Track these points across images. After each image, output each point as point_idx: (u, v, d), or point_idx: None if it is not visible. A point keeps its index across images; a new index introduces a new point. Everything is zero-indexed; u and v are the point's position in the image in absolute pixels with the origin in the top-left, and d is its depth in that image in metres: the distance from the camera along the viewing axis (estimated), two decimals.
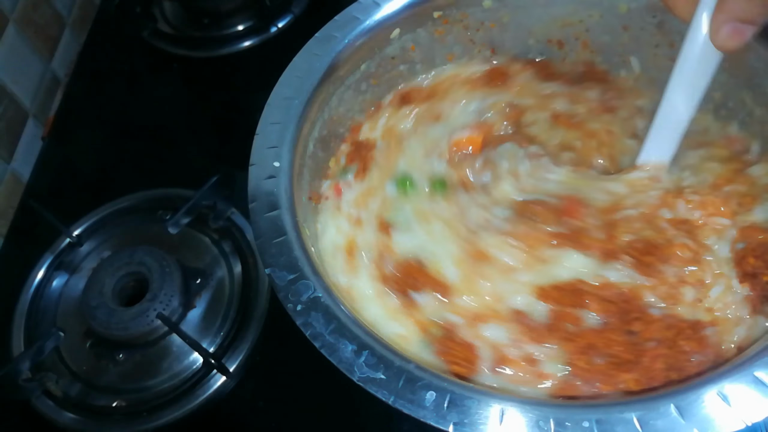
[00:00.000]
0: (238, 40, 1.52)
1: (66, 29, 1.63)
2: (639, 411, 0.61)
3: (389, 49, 1.01)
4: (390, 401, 0.64)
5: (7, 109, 1.38)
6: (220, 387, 1.04)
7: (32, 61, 1.49)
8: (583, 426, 0.61)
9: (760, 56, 0.89)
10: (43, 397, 1.04)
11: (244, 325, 1.08)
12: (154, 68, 1.58)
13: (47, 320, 1.13)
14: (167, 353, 1.07)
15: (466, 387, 0.66)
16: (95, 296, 1.07)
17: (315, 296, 0.72)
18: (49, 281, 1.17)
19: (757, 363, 0.65)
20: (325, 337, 0.69)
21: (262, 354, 1.08)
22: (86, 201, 1.28)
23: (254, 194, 0.82)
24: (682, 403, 0.62)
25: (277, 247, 0.76)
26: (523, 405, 0.63)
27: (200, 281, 1.13)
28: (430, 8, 1.02)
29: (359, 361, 0.67)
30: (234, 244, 1.17)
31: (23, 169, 1.42)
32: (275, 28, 1.51)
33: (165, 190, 1.26)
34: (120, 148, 1.43)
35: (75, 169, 1.42)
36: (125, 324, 1.04)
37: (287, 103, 0.90)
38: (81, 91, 1.54)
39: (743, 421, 0.60)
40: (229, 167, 1.21)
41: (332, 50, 0.96)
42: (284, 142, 0.87)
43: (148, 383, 1.05)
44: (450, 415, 0.63)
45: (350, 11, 0.99)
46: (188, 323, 1.09)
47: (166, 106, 1.51)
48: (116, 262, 1.10)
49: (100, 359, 1.08)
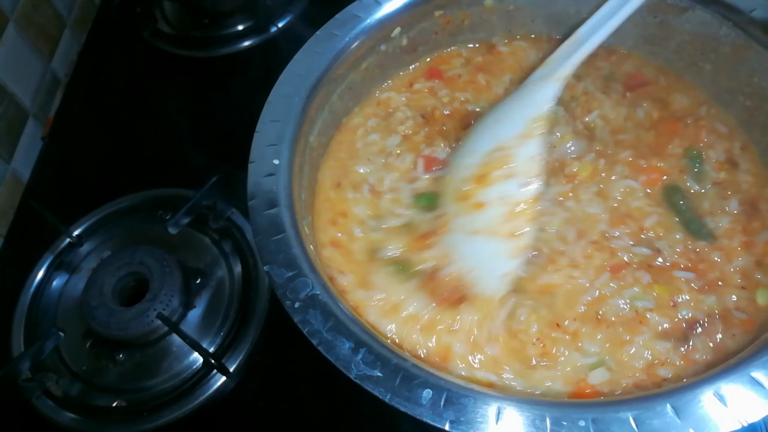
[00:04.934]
0: (238, 40, 1.52)
1: (66, 29, 1.63)
2: (635, 410, 0.62)
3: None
4: (387, 399, 0.64)
5: (7, 109, 1.38)
6: (220, 387, 1.04)
7: (32, 61, 1.49)
8: (579, 425, 0.61)
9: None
10: (43, 397, 1.04)
11: (244, 325, 1.08)
12: (154, 68, 1.58)
13: (47, 320, 1.14)
14: (167, 353, 1.08)
15: (463, 385, 0.66)
16: (95, 296, 1.07)
17: (313, 293, 0.72)
18: (49, 281, 1.18)
19: (754, 363, 0.65)
20: (323, 335, 0.69)
21: (262, 354, 1.08)
22: (86, 201, 1.28)
23: (253, 192, 0.82)
24: (679, 402, 0.62)
25: (275, 244, 0.77)
26: (519, 404, 0.63)
27: (200, 281, 1.13)
28: (431, 7, 1.02)
29: (356, 358, 0.67)
30: (234, 244, 1.17)
31: (23, 169, 1.42)
32: (275, 28, 1.52)
33: (165, 190, 1.26)
34: (120, 148, 1.44)
35: (75, 169, 1.42)
36: (125, 324, 1.04)
37: (287, 100, 0.91)
38: (81, 91, 1.54)
39: (740, 421, 0.60)
40: (229, 167, 1.21)
41: (333, 48, 0.96)
42: (284, 139, 0.87)
43: (148, 383, 1.05)
44: (446, 413, 0.63)
45: (351, 10, 0.99)
46: (188, 323, 1.09)
47: (166, 105, 1.51)
48: (116, 262, 1.10)
49: (100, 359, 1.08)
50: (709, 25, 0.97)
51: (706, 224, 0.89)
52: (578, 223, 0.90)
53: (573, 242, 0.88)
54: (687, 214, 0.90)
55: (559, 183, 0.93)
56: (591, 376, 0.77)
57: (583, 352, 0.80)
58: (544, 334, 0.81)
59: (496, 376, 0.78)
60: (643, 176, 0.93)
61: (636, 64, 1.07)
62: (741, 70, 0.96)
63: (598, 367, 0.78)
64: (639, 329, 0.81)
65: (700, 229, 0.88)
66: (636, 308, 0.82)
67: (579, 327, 0.82)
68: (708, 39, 0.98)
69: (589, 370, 0.78)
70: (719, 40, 0.97)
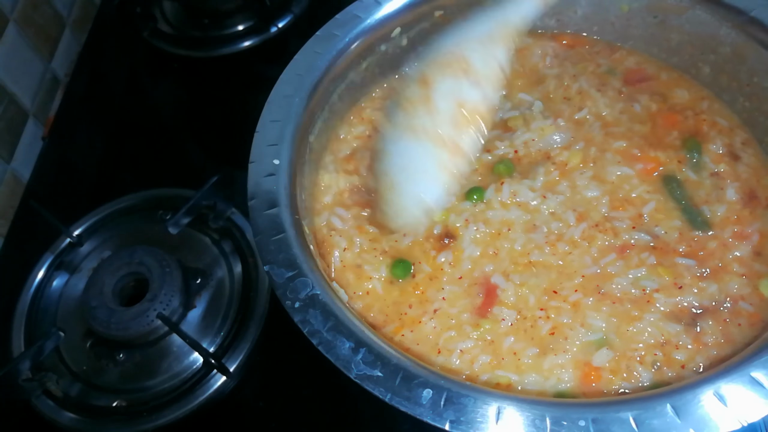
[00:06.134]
0: (238, 40, 1.52)
1: (66, 29, 1.63)
2: (635, 410, 0.62)
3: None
4: (387, 398, 0.64)
5: (7, 109, 1.38)
6: (220, 387, 1.04)
7: (32, 61, 1.49)
8: (579, 425, 0.61)
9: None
10: (43, 397, 1.04)
11: (244, 325, 1.08)
12: (154, 68, 1.58)
13: (47, 320, 1.13)
14: (167, 353, 1.07)
15: (463, 385, 0.66)
16: (95, 296, 1.07)
17: (313, 293, 0.72)
18: (50, 281, 1.18)
19: (755, 363, 0.65)
20: (323, 334, 0.69)
21: (262, 354, 1.07)
22: (86, 201, 1.28)
23: (254, 192, 0.82)
24: (679, 402, 0.62)
25: (275, 244, 0.77)
26: (520, 403, 0.63)
27: (200, 281, 1.13)
28: (431, 7, 1.02)
29: (356, 358, 0.67)
30: (234, 244, 1.17)
31: (23, 169, 1.42)
32: (275, 28, 1.51)
33: (165, 190, 1.26)
34: (120, 148, 1.44)
35: (75, 169, 1.42)
36: (125, 324, 1.04)
37: (287, 101, 0.91)
38: (81, 91, 1.54)
39: (740, 421, 0.60)
40: (229, 167, 1.21)
41: (333, 48, 0.96)
42: (284, 139, 0.87)
43: (148, 383, 1.05)
44: (446, 413, 0.63)
45: (351, 10, 0.99)
46: (188, 323, 1.09)
47: (166, 105, 1.51)
48: (116, 262, 1.10)
49: (100, 359, 1.08)
50: (709, 25, 0.97)
51: (702, 213, 0.90)
52: (578, 206, 0.91)
53: (574, 225, 0.89)
54: (684, 203, 0.91)
55: (547, 171, 0.94)
56: (595, 357, 0.79)
57: (588, 327, 0.81)
58: (544, 304, 0.83)
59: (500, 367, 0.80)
60: (639, 164, 0.94)
61: (638, 60, 1.08)
62: (741, 70, 0.96)
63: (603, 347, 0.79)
64: (647, 307, 0.82)
65: (696, 218, 0.89)
66: (643, 287, 0.83)
67: (581, 298, 0.83)
68: (708, 39, 0.99)
69: (595, 348, 0.79)
70: (719, 40, 0.97)
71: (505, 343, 0.81)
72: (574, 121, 1.00)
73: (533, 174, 0.93)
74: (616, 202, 0.91)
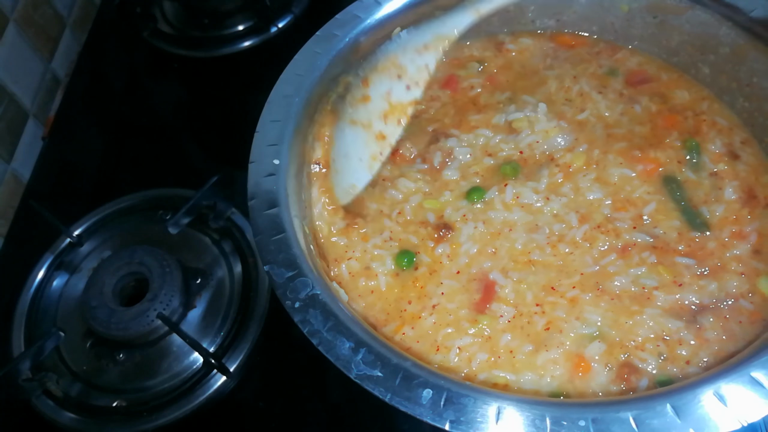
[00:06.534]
0: (238, 40, 1.52)
1: (66, 29, 1.63)
2: (635, 410, 0.61)
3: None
4: (387, 398, 0.64)
5: (7, 109, 1.38)
6: (220, 387, 1.04)
7: (32, 61, 1.49)
8: (579, 425, 0.61)
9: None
10: (43, 397, 1.04)
11: (244, 325, 1.08)
12: (154, 68, 1.58)
13: (47, 320, 1.13)
14: (167, 353, 1.07)
15: (463, 385, 0.66)
16: (95, 296, 1.07)
17: (313, 293, 0.72)
18: (49, 281, 1.18)
19: (754, 363, 0.65)
20: (323, 334, 0.69)
21: (262, 354, 1.07)
22: (86, 201, 1.28)
23: (254, 192, 0.82)
24: (679, 402, 0.62)
25: (275, 244, 0.77)
26: (519, 403, 0.63)
27: (200, 281, 1.13)
28: (431, 7, 1.02)
29: (356, 358, 0.67)
30: (234, 244, 1.17)
31: (23, 169, 1.42)
32: (275, 28, 1.52)
33: (165, 190, 1.26)
34: (120, 148, 1.44)
35: (75, 169, 1.42)
36: (125, 324, 1.04)
37: (287, 101, 0.91)
38: (81, 91, 1.54)
39: (740, 420, 0.60)
40: (229, 167, 1.21)
41: (333, 48, 0.96)
42: (284, 139, 0.87)
43: (148, 383, 1.05)
44: (446, 413, 0.63)
45: (351, 10, 0.99)
46: (188, 323, 1.09)
47: (166, 105, 1.51)
48: (116, 262, 1.10)
49: (100, 359, 1.08)
50: (709, 25, 0.98)
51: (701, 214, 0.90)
52: (580, 207, 0.92)
53: (576, 227, 0.90)
54: (683, 204, 0.91)
55: (551, 173, 0.94)
56: (588, 349, 0.79)
57: (584, 321, 0.81)
58: (541, 300, 0.84)
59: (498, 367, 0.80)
60: (639, 166, 0.94)
61: (639, 61, 1.08)
62: (741, 70, 0.96)
63: (595, 340, 0.80)
64: (647, 303, 0.82)
65: (695, 220, 0.90)
66: (643, 285, 0.84)
67: (579, 294, 0.83)
68: (708, 39, 0.99)
69: (588, 342, 0.80)
70: (719, 40, 0.97)
71: (502, 341, 0.81)
72: (576, 122, 1.00)
73: (537, 176, 0.94)
74: (618, 204, 0.91)
